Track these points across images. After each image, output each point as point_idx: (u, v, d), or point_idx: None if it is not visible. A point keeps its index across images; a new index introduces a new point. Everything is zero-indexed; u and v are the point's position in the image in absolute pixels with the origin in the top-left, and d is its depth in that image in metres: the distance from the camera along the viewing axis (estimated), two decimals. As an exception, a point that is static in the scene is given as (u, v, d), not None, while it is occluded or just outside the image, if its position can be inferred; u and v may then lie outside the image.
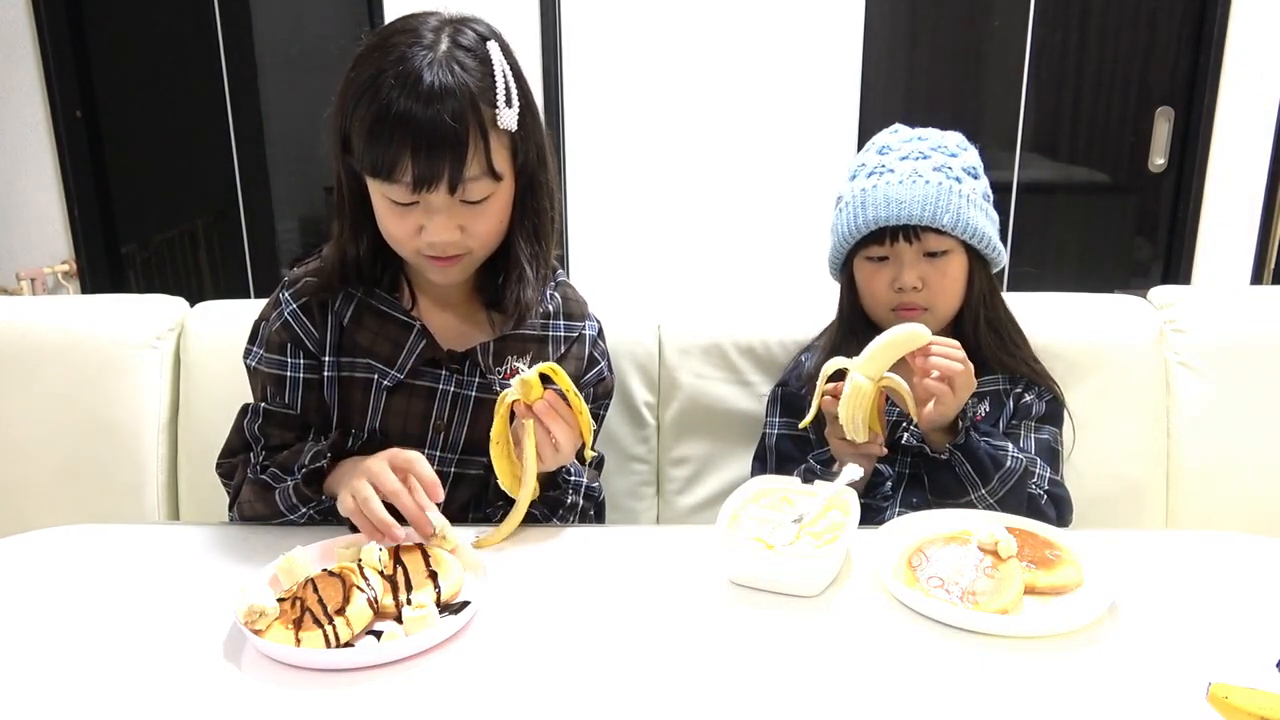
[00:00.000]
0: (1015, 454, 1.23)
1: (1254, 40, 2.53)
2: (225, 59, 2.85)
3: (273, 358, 1.23)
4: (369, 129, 1.06)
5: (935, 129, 1.34)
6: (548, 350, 1.26)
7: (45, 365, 1.58)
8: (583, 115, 2.66)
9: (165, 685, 0.86)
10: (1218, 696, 0.77)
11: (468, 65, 1.07)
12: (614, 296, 1.53)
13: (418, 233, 1.11)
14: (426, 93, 1.04)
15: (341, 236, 1.20)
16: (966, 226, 1.26)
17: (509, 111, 1.09)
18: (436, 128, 1.04)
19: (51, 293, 2.85)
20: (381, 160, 1.06)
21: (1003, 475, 1.20)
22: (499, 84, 1.08)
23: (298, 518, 1.17)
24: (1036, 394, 1.35)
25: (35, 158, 2.81)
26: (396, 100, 1.04)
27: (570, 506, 1.24)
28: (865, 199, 1.28)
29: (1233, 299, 1.61)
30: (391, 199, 1.10)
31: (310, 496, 1.14)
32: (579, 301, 1.33)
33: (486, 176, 1.09)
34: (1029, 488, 1.25)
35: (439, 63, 1.06)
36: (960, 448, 1.21)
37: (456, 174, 1.06)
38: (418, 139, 1.04)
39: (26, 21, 2.72)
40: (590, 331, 1.31)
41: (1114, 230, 2.84)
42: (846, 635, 0.92)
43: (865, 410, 1.14)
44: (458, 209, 1.10)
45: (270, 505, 1.17)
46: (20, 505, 1.58)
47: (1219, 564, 1.06)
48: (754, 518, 1.06)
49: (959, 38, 2.70)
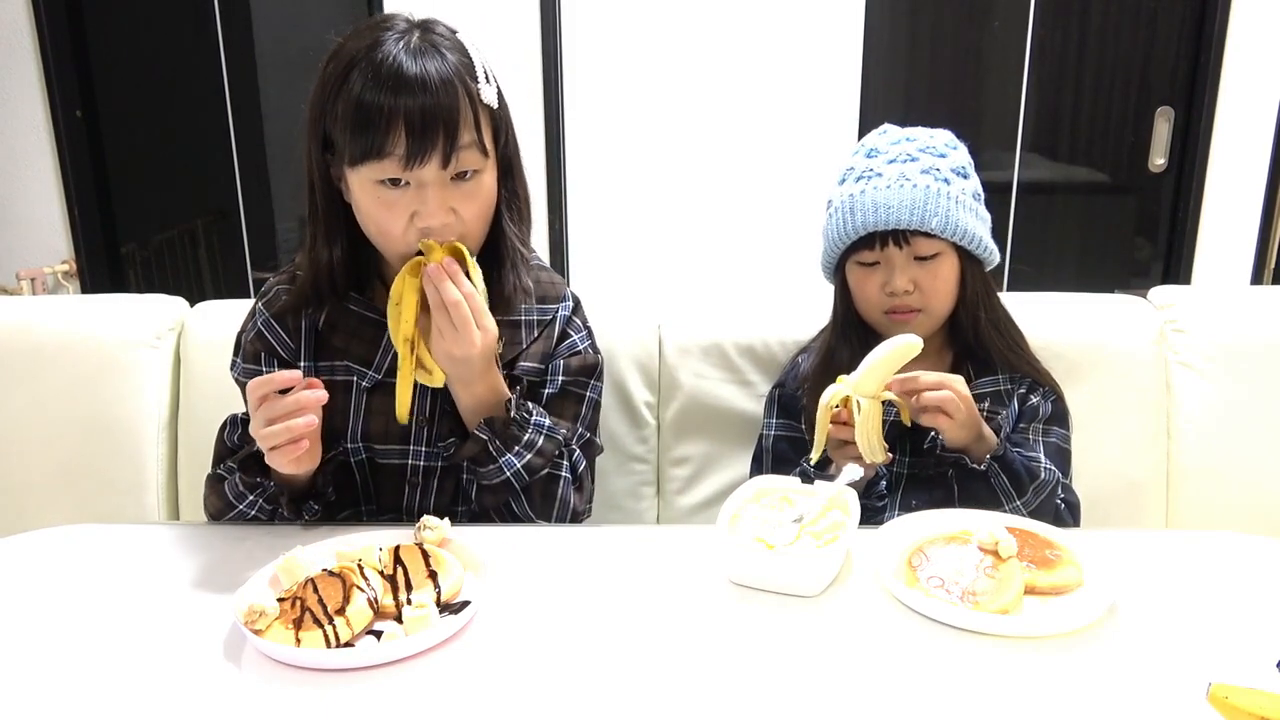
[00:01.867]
0: (1047, 465, 1.23)
1: (1254, 40, 2.53)
2: (225, 59, 2.85)
3: (250, 368, 1.24)
4: (353, 114, 1.06)
5: (924, 128, 1.33)
6: (520, 335, 1.25)
7: (45, 365, 1.58)
8: (583, 116, 2.66)
9: (165, 685, 0.86)
10: (1218, 696, 0.77)
11: (444, 46, 1.09)
12: (614, 296, 1.53)
13: (410, 222, 1.09)
14: (411, 69, 1.05)
15: (315, 243, 1.19)
16: (956, 228, 1.25)
17: (489, 88, 1.11)
18: (428, 100, 1.04)
19: (51, 293, 2.85)
20: (371, 140, 1.05)
21: (1037, 487, 1.20)
22: (477, 63, 1.11)
23: (246, 507, 1.17)
24: (1041, 395, 1.34)
25: (35, 158, 2.81)
26: (381, 82, 1.04)
27: (528, 445, 1.16)
28: (853, 204, 1.28)
29: (1233, 299, 1.61)
30: (381, 182, 1.08)
31: (254, 483, 1.15)
32: (554, 283, 1.31)
33: (477, 148, 1.09)
34: (1056, 498, 1.25)
35: (415, 45, 1.07)
36: (998, 460, 1.20)
37: (451, 141, 1.06)
38: (410, 113, 1.04)
39: (26, 21, 2.72)
40: (564, 311, 1.29)
41: (1114, 230, 2.84)
42: (846, 635, 0.92)
43: (878, 432, 1.15)
44: (449, 188, 1.09)
45: (222, 497, 1.18)
46: (20, 505, 1.58)
47: (1219, 564, 1.06)
48: (754, 518, 1.06)
49: (959, 38, 2.70)
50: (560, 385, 1.26)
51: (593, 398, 1.30)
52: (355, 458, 1.23)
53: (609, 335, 1.55)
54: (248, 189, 2.95)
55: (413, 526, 1.07)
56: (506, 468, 1.16)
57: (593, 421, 1.30)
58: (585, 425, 1.28)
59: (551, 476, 1.20)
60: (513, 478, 1.16)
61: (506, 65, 2.58)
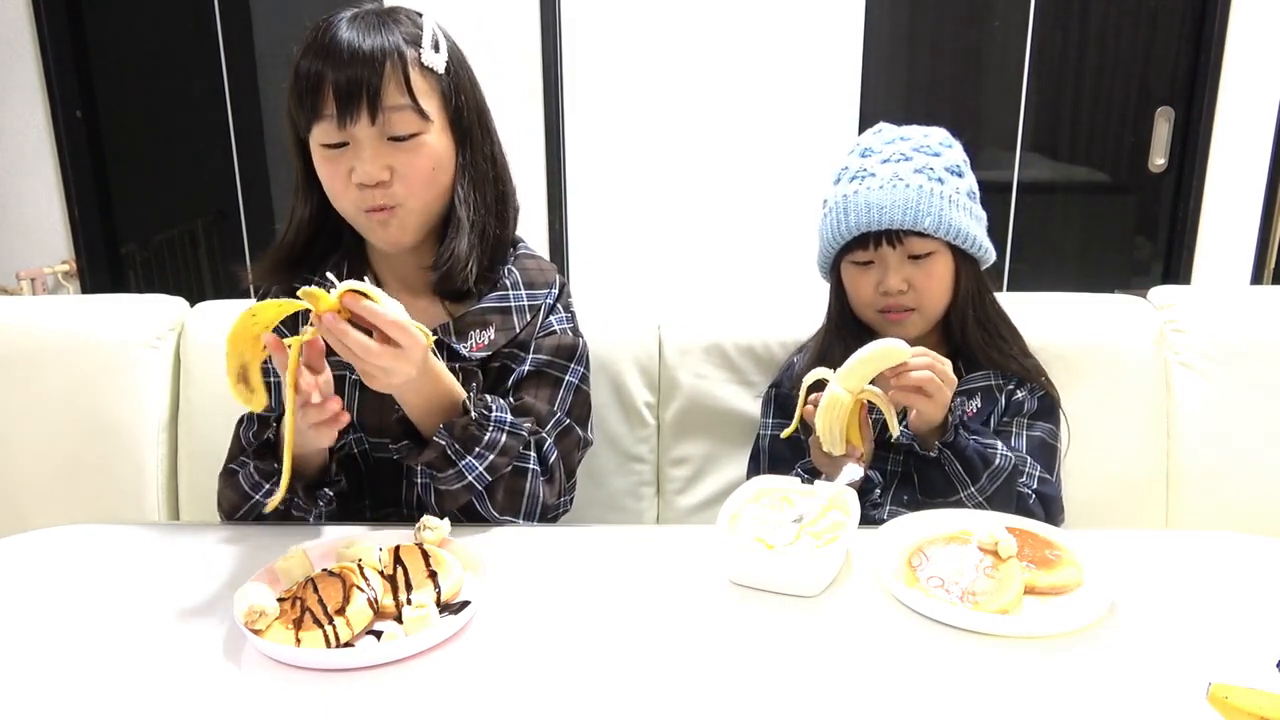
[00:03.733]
0: (1004, 452, 1.23)
1: (1254, 40, 2.53)
2: (225, 59, 2.85)
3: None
4: (295, 84, 1.12)
5: (918, 127, 1.33)
6: (512, 321, 1.24)
7: (45, 365, 1.58)
8: (583, 116, 2.66)
9: (165, 685, 0.86)
10: (1218, 696, 0.77)
11: (393, 18, 1.14)
12: (614, 296, 1.53)
13: (350, 177, 1.13)
14: (345, 34, 1.11)
15: (294, 211, 1.24)
16: (950, 228, 1.25)
17: (434, 54, 1.14)
18: (354, 58, 1.09)
19: (51, 293, 2.85)
20: (309, 104, 1.11)
21: (991, 473, 1.20)
22: (426, 33, 1.15)
23: (263, 496, 1.16)
24: (1029, 390, 1.34)
25: (35, 158, 2.81)
26: (318, 47, 1.11)
27: (490, 445, 1.12)
28: (847, 204, 1.28)
29: (1233, 299, 1.61)
30: (324, 144, 1.13)
31: (271, 469, 1.15)
32: (541, 270, 1.30)
33: (410, 110, 1.12)
34: (1018, 486, 1.25)
35: (361, 19, 1.13)
36: (949, 446, 1.20)
37: (375, 100, 1.10)
38: (337, 71, 1.09)
39: (26, 21, 2.73)
40: (549, 299, 1.28)
41: (1114, 230, 2.84)
42: (846, 635, 0.92)
43: (842, 423, 1.14)
44: (385, 147, 1.13)
45: (237, 489, 1.18)
46: (20, 505, 1.58)
47: (1219, 564, 1.06)
48: (754, 518, 1.06)
49: (959, 38, 2.70)
50: (536, 365, 1.24)
51: (572, 381, 1.26)
52: (358, 447, 1.24)
53: (609, 335, 1.55)
54: (248, 189, 2.95)
55: (413, 526, 1.07)
56: (468, 471, 1.12)
57: (574, 408, 1.26)
58: (564, 411, 1.24)
59: (517, 470, 1.16)
60: (475, 481, 1.13)
61: (506, 65, 2.59)
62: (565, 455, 1.24)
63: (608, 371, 1.55)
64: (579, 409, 1.28)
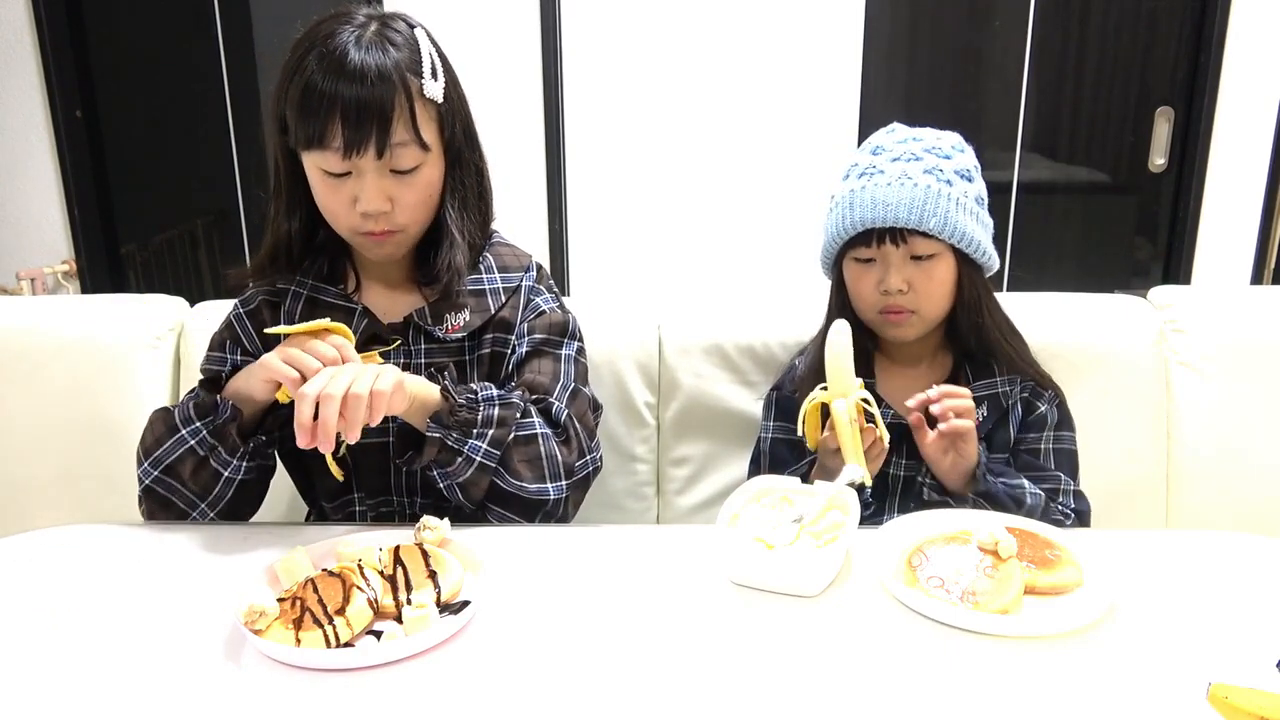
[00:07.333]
0: (1033, 490, 1.23)
1: (1254, 40, 2.53)
2: (225, 59, 2.85)
3: (215, 355, 1.29)
4: (300, 102, 1.11)
5: (933, 129, 1.32)
6: (487, 303, 1.26)
7: (45, 365, 1.58)
8: (583, 116, 2.66)
9: (165, 685, 0.86)
10: (1218, 696, 0.77)
11: (395, 40, 1.14)
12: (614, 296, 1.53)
13: (352, 205, 1.15)
14: (354, 62, 1.10)
15: (277, 216, 1.24)
16: (954, 230, 1.24)
17: (434, 83, 1.15)
18: (363, 93, 1.10)
19: (51, 293, 2.85)
20: (314, 130, 1.11)
21: (1025, 514, 1.19)
22: (424, 59, 1.15)
23: (189, 433, 1.15)
24: (1045, 401, 1.33)
25: (35, 158, 2.81)
26: (325, 71, 1.10)
27: (485, 420, 1.13)
28: (854, 200, 1.27)
29: (1233, 299, 1.61)
30: (325, 170, 1.14)
31: (213, 401, 1.15)
32: (516, 255, 1.33)
33: (414, 144, 1.14)
34: (1053, 515, 1.24)
35: (366, 39, 1.12)
36: (981, 494, 1.21)
37: (384, 138, 1.11)
38: (346, 104, 1.10)
39: (26, 21, 2.72)
40: (529, 281, 1.31)
41: (1114, 230, 2.84)
42: (846, 635, 0.92)
43: (857, 430, 1.16)
44: (387, 178, 1.15)
45: (166, 422, 1.18)
46: (20, 505, 1.58)
47: (1219, 564, 1.06)
48: (754, 518, 1.06)
49: (959, 38, 2.70)
50: (534, 346, 1.27)
51: (570, 354, 1.29)
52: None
53: (609, 335, 1.55)
54: (248, 189, 2.95)
55: (412, 526, 1.07)
56: (474, 454, 1.13)
57: (577, 375, 1.29)
58: (569, 379, 1.27)
59: (525, 438, 1.16)
60: (484, 460, 1.14)
61: (506, 65, 2.59)
62: (579, 416, 1.25)
63: (608, 371, 1.55)
64: (581, 378, 1.31)
